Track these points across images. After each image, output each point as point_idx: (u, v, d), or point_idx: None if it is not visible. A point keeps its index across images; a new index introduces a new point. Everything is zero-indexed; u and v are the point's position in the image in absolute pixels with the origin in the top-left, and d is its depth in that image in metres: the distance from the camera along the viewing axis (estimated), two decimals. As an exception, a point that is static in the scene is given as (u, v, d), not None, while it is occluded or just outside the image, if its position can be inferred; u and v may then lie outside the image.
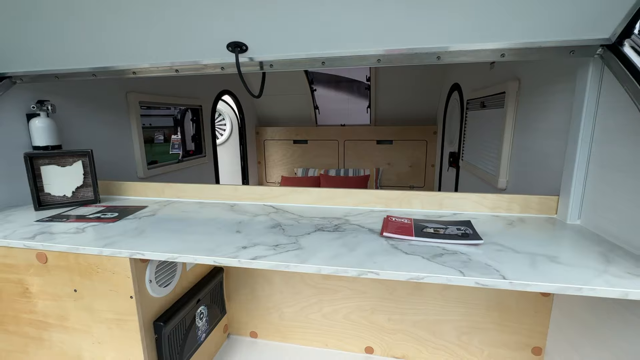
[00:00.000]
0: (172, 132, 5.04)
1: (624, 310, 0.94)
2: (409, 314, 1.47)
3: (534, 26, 1.00)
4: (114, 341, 1.10)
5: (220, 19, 1.08)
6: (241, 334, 1.69)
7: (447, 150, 3.29)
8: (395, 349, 1.53)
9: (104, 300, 1.07)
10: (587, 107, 1.09)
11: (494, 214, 1.30)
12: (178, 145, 4.32)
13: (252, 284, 1.61)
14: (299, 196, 1.48)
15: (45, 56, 1.37)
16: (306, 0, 0.99)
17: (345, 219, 1.25)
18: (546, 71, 1.50)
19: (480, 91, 2.31)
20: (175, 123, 5.80)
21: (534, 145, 1.59)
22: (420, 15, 1.01)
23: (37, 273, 1.10)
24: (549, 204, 1.27)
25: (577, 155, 1.13)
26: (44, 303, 1.13)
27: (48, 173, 1.48)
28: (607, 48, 0.99)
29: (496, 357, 1.43)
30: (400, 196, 1.39)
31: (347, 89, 4.29)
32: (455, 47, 1.09)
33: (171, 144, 4.39)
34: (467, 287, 1.38)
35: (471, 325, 1.43)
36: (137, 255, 0.99)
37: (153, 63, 1.33)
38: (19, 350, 1.21)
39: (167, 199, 1.59)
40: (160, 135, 6.01)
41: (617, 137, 0.99)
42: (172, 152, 4.32)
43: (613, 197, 1.01)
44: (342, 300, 1.53)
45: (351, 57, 1.19)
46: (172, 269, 1.22)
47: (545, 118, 1.48)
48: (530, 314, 1.36)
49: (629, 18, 0.89)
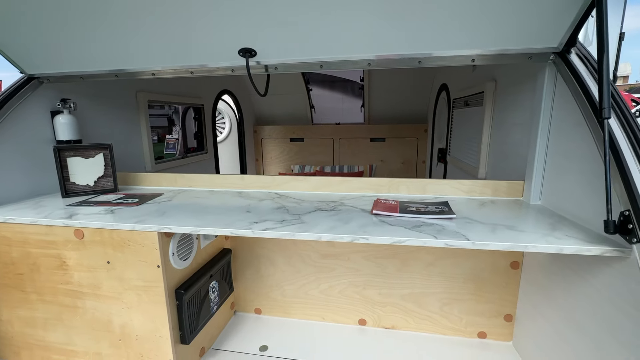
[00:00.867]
0: (166, 132, 5.13)
1: (569, 272, 1.14)
2: (397, 288, 1.66)
3: (498, 36, 1.20)
4: (142, 306, 1.27)
5: (233, 28, 1.26)
6: (247, 311, 1.87)
7: (437, 147, 3.50)
8: (385, 320, 1.72)
9: (133, 270, 1.24)
10: (545, 104, 1.29)
11: (469, 197, 1.50)
12: (173, 145, 4.44)
13: (256, 264, 1.79)
14: (299, 184, 1.66)
15: (72, 59, 1.53)
16: (308, 13, 1.17)
17: (340, 202, 1.44)
18: (517, 73, 1.70)
19: (465, 91, 2.51)
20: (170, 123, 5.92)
21: (507, 138, 1.79)
22: (404, 27, 1.20)
23: (74, 248, 1.27)
24: (516, 188, 1.47)
25: (537, 145, 1.33)
26: (79, 274, 1.30)
27: (73, 164, 1.64)
28: (557, 55, 1.19)
29: (473, 325, 1.63)
30: (389, 183, 1.58)
31: (341, 89, 4.48)
32: (433, 54, 1.29)
33: (165, 144, 4.51)
34: (448, 263, 1.58)
35: (451, 297, 1.62)
36: (164, 230, 1.16)
37: (171, 65, 1.50)
38: (55, 317, 1.37)
39: (180, 188, 1.76)
40: (154, 135, 6.13)
41: (566, 129, 1.20)
42: (167, 152, 4.44)
43: (564, 180, 1.21)
44: (338, 277, 1.71)
45: (346, 61, 1.38)
46: (190, 245, 1.39)
47: (515, 114, 1.69)
48: (502, 285, 1.56)
49: (572, 30, 1.09)
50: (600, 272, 0.99)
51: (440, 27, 1.19)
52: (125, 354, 1.33)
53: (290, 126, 4.60)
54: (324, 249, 1.68)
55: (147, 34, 1.35)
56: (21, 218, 1.29)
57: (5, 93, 1.54)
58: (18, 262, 1.34)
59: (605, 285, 0.97)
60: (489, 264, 1.54)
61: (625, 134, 0.92)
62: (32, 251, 1.31)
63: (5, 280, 1.38)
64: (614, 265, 0.93)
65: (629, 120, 0.93)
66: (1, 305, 1.41)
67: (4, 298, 1.40)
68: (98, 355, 1.36)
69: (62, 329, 1.37)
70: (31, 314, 1.39)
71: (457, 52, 1.28)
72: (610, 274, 0.95)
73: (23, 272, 1.35)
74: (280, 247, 1.73)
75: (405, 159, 4.36)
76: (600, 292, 0.98)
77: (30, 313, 1.39)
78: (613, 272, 0.93)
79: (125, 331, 1.31)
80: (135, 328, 1.30)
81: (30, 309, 1.38)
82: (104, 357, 1.36)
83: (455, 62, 1.30)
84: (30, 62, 1.56)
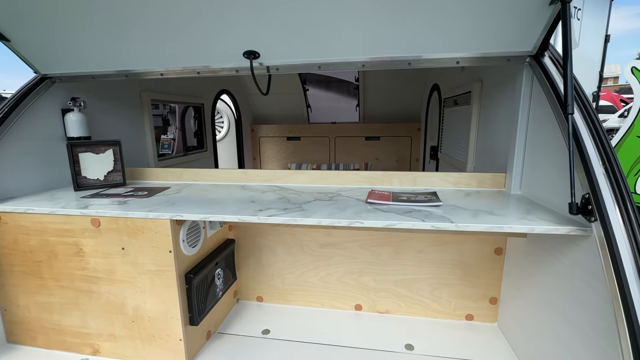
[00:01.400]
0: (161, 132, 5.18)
1: (544, 253, 1.26)
2: (391, 275, 1.78)
3: (479, 41, 1.32)
4: (154, 289, 1.37)
5: (239, 32, 1.37)
6: (249, 299, 1.97)
7: (429, 145, 3.63)
8: (379, 305, 1.83)
9: (147, 256, 1.34)
10: (523, 103, 1.42)
11: (457, 188, 1.62)
12: (168, 145, 4.51)
13: (258, 254, 1.90)
14: (298, 177, 1.77)
15: (84, 60, 1.62)
16: (308, 18, 1.29)
17: (337, 193, 1.55)
18: (500, 74, 1.83)
19: (454, 90, 2.65)
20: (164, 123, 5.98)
21: (492, 134, 1.92)
22: (395, 32, 1.32)
23: (91, 235, 1.37)
24: (499, 180, 1.60)
25: (517, 140, 1.46)
26: (95, 260, 1.39)
27: (85, 159, 1.73)
28: (532, 58, 1.32)
29: (461, 308, 1.75)
30: (382, 176, 1.70)
31: (337, 88, 4.60)
32: (421, 56, 1.41)
33: (160, 144, 4.58)
34: (437, 250, 1.70)
35: (441, 282, 1.75)
36: (176, 217, 1.26)
37: (179, 66, 1.60)
38: (71, 302, 1.46)
39: (185, 182, 1.86)
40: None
41: (541, 125, 1.32)
42: (162, 152, 4.50)
43: (539, 170, 1.34)
44: (335, 265, 1.83)
45: (342, 63, 1.49)
46: (198, 233, 1.49)
47: (498, 111, 1.82)
48: (487, 270, 1.68)
49: (543, 35, 1.22)
50: (569, 251, 1.11)
51: (427, 32, 1.31)
52: (137, 335, 1.43)
53: (287, 125, 4.70)
54: (322, 239, 1.79)
55: (157, 37, 1.45)
56: (40, 208, 1.38)
57: (20, 92, 1.63)
58: (36, 250, 1.43)
59: (573, 262, 1.09)
60: (475, 251, 1.67)
61: (587, 128, 1.05)
62: (50, 239, 1.41)
63: (23, 267, 1.46)
64: (579, 243, 1.06)
65: (591, 115, 1.06)
66: (19, 291, 1.50)
67: (22, 285, 1.49)
68: (112, 337, 1.46)
69: (78, 313, 1.47)
70: (48, 299, 1.48)
71: (443, 54, 1.41)
72: (577, 252, 1.07)
73: (41, 259, 1.44)
74: (280, 237, 1.84)
75: (399, 157, 4.49)
76: (569, 268, 1.11)
77: (47, 298, 1.48)
78: (579, 249, 1.06)
79: (138, 313, 1.41)
80: (148, 310, 1.39)
81: (47, 295, 1.47)
82: (118, 338, 1.45)
83: (442, 64, 1.42)
84: (44, 63, 1.65)
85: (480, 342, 1.60)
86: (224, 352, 1.53)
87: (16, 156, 1.58)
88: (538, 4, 1.13)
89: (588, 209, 0.97)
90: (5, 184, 1.53)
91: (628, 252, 0.88)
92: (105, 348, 1.47)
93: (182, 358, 1.41)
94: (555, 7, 1.11)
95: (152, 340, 1.42)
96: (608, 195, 0.94)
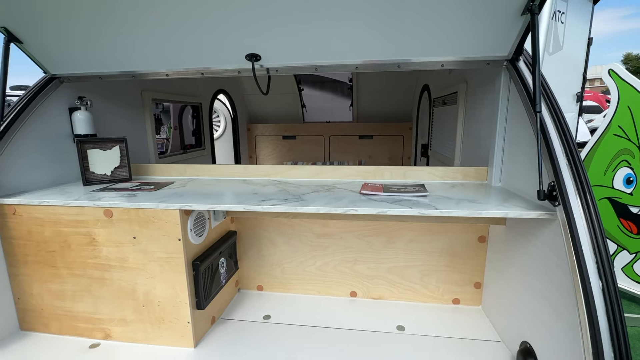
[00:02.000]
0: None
1: (520, 237, 1.40)
2: (383, 262, 1.91)
3: (461, 46, 1.45)
4: (164, 275, 1.47)
5: (241, 36, 1.48)
6: (249, 288, 2.08)
7: (420, 143, 3.78)
8: (373, 292, 1.96)
9: (157, 244, 1.44)
10: (502, 102, 1.56)
11: (443, 181, 1.76)
12: (161, 145, 4.58)
13: (258, 245, 2.01)
14: (296, 172, 1.89)
15: (94, 60, 1.71)
16: (306, 24, 1.41)
17: (333, 186, 1.67)
18: (483, 76, 1.97)
19: (443, 91, 2.79)
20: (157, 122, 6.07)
21: (477, 131, 2.07)
22: (386, 38, 1.45)
23: (103, 226, 1.46)
24: (482, 173, 1.74)
25: (497, 137, 1.60)
26: (107, 249, 1.49)
27: (93, 155, 1.82)
28: (509, 62, 1.46)
29: (448, 293, 1.89)
30: (374, 170, 1.82)
31: (331, 89, 4.72)
32: (410, 60, 1.54)
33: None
34: (426, 239, 1.83)
35: (430, 268, 1.88)
36: (185, 207, 1.37)
37: (184, 67, 1.70)
38: (83, 289, 1.55)
39: (189, 177, 1.96)
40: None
41: (517, 122, 1.46)
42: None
43: (515, 163, 1.48)
44: (332, 254, 1.95)
45: (337, 65, 1.61)
46: (203, 223, 1.60)
47: (482, 110, 1.96)
48: (471, 257, 1.82)
49: (517, 42, 1.36)
50: (540, 234, 1.25)
51: (415, 38, 1.44)
52: (147, 319, 1.53)
53: (283, 124, 4.81)
54: (320, 230, 1.91)
55: (164, 40, 1.55)
56: (55, 200, 1.47)
57: (30, 92, 1.71)
58: (50, 241, 1.52)
59: (544, 244, 1.23)
60: (460, 239, 1.80)
61: (554, 124, 1.18)
62: (64, 230, 1.50)
63: (37, 257, 1.55)
64: (548, 226, 1.19)
65: (558, 113, 1.19)
66: (32, 280, 1.59)
67: (35, 274, 1.57)
68: (123, 321, 1.55)
69: (90, 299, 1.56)
70: (61, 287, 1.57)
71: (429, 58, 1.54)
72: (546, 234, 1.21)
73: (55, 249, 1.53)
74: (280, 229, 1.95)
75: (391, 155, 4.64)
76: (542, 250, 1.25)
77: (60, 286, 1.57)
78: (548, 232, 1.20)
79: (149, 298, 1.51)
80: (158, 295, 1.50)
81: (60, 283, 1.56)
82: (129, 322, 1.55)
83: (428, 67, 1.56)
84: (54, 63, 1.73)
85: (466, 323, 1.73)
86: (228, 334, 1.64)
87: (28, 153, 1.67)
88: (512, 14, 1.26)
89: (553, 195, 1.11)
90: (18, 179, 1.62)
91: (585, 232, 1.01)
92: (116, 332, 1.57)
93: (190, 339, 1.51)
94: (527, 17, 1.24)
95: (161, 324, 1.52)
96: (570, 183, 1.07)
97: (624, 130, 2.44)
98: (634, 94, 2.39)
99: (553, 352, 1.16)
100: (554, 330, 1.17)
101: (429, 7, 1.29)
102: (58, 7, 1.41)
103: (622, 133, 2.46)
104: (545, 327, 1.22)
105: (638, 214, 2.37)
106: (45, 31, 1.56)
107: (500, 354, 1.48)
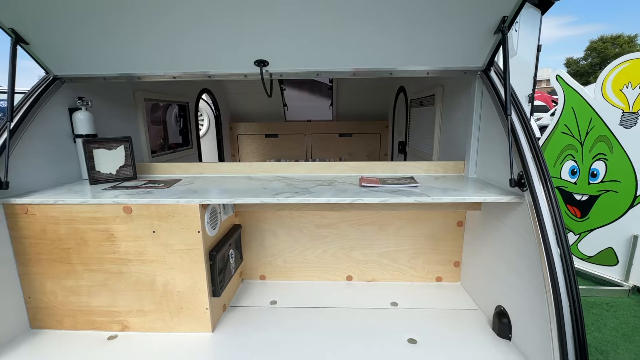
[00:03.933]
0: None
1: (494, 220, 1.68)
2: (376, 248, 2.13)
3: (443, 58, 1.70)
4: (183, 266, 1.58)
5: (250, 43, 1.61)
6: (253, 278, 2.22)
7: (397, 140, 4.07)
8: (367, 275, 2.18)
9: (177, 237, 1.54)
10: (476, 105, 1.83)
11: (427, 174, 2.01)
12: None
13: (261, 237, 2.15)
14: (296, 168, 2.05)
15: (98, 62, 1.75)
16: (311, 34, 1.57)
17: (334, 180, 1.86)
18: (458, 82, 2.25)
19: (419, 93, 3.07)
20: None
21: (452, 130, 2.35)
22: (379, 48, 1.65)
23: (122, 222, 1.54)
24: (459, 166, 2.01)
25: (472, 134, 1.87)
26: (126, 244, 1.56)
27: (98, 155, 1.86)
28: (483, 71, 1.73)
29: (433, 272, 2.16)
30: (368, 166, 2.03)
31: (312, 89, 4.89)
32: (400, 68, 1.76)
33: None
34: (413, 226, 2.08)
35: (416, 252, 2.13)
36: (205, 202, 1.49)
37: (192, 71, 1.80)
38: (99, 284, 1.61)
39: (194, 175, 2.06)
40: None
41: (490, 122, 1.74)
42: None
43: (489, 157, 1.76)
44: (329, 243, 2.13)
45: (336, 72, 1.80)
46: (216, 217, 1.72)
47: (457, 111, 2.24)
48: (451, 239, 2.09)
49: (490, 55, 1.63)
50: (511, 216, 1.53)
51: (404, 50, 1.66)
52: (167, 308, 1.63)
53: (265, 123, 4.91)
54: (318, 220, 2.09)
55: (172, 43, 1.64)
56: (71, 199, 1.52)
57: (34, 94, 1.72)
58: (65, 238, 1.57)
59: (514, 224, 1.50)
60: (442, 225, 2.07)
61: (521, 125, 1.46)
62: (80, 227, 1.55)
63: (51, 255, 1.59)
64: (517, 208, 1.47)
65: (524, 116, 1.47)
66: (45, 278, 1.62)
67: (49, 272, 1.61)
68: (141, 312, 1.64)
69: (107, 293, 1.62)
70: (76, 282, 1.61)
71: (416, 67, 1.77)
72: (516, 216, 1.48)
73: (70, 246, 1.57)
74: (281, 221, 2.10)
75: (369, 152, 4.92)
76: (512, 229, 1.52)
77: (76, 282, 1.61)
78: (517, 213, 1.47)
79: (168, 289, 1.60)
80: (177, 285, 1.60)
81: (75, 279, 1.61)
82: (147, 313, 1.64)
83: (416, 74, 1.79)
84: (58, 65, 1.75)
85: (448, 296, 2.00)
86: (240, 319, 1.78)
87: (33, 154, 1.68)
88: (486, 32, 1.52)
89: (522, 182, 1.37)
90: (25, 180, 1.63)
91: (547, 210, 1.29)
92: (134, 323, 1.65)
93: (208, 325, 1.63)
94: (499, 35, 1.51)
95: (180, 312, 1.62)
96: (535, 172, 1.35)
97: (569, 128, 2.87)
98: (577, 97, 2.81)
99: (522, 311, 1.44)
100: (522, 294, 1.45)
101: (417, 24, 1.51)
102: (65, 9, 1.46)
103: (568, 131, 2.88)
104: (516, 292, 1.50)
105: (581, 200, 2.80)
106: (51, 33, 1.59)
107: (478, 318, 1.76)
